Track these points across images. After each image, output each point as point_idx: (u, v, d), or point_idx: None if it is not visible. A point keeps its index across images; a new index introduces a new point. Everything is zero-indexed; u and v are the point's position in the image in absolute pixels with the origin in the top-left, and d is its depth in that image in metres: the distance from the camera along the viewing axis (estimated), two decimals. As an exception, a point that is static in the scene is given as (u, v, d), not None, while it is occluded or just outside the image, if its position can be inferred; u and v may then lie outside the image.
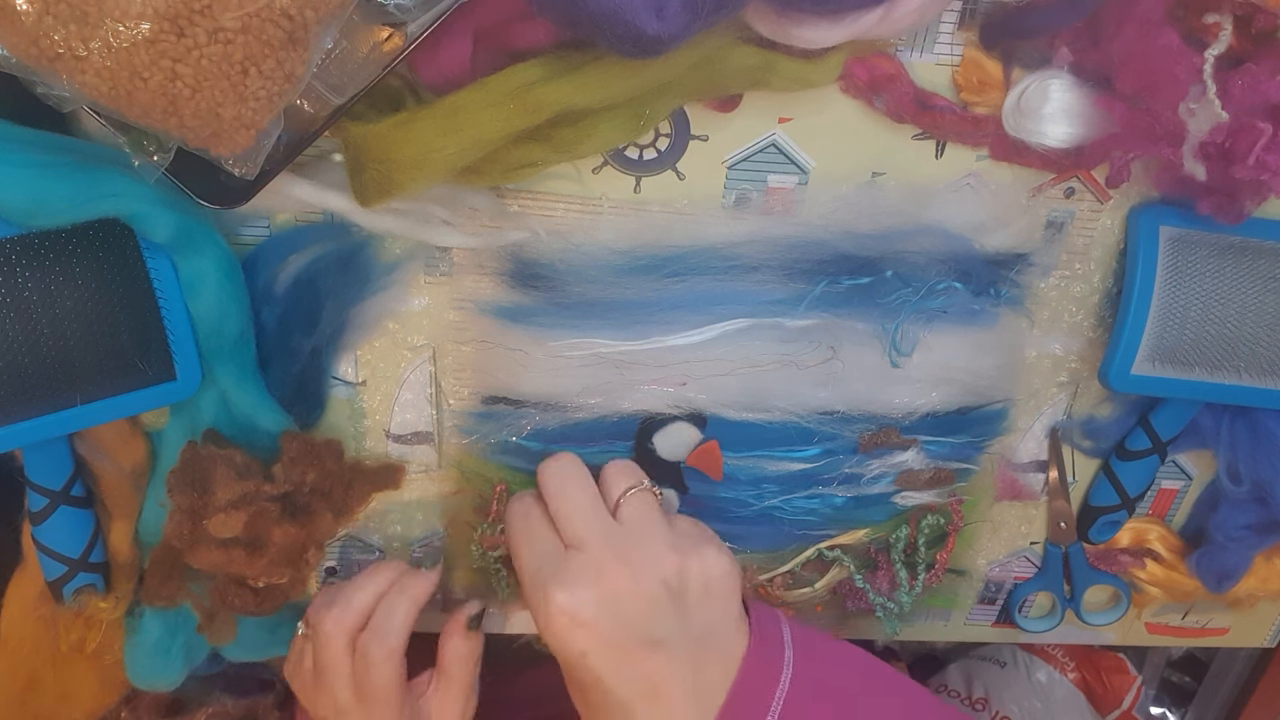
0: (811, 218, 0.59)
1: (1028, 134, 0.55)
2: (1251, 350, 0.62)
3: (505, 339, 0.61)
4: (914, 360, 0.61)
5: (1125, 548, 0.76)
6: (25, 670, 0.65)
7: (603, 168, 0.58)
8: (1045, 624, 0.80)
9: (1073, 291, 0.65)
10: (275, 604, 0.63)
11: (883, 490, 0.66)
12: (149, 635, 0.64)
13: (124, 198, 0.50)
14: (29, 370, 0.52)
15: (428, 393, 0.64)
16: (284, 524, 0.58)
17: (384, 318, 0.62)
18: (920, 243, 0.59)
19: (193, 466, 0.56)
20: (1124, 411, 0.69)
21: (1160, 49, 0.50)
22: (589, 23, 0.45)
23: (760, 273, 0.59)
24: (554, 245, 0.59)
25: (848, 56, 0.55)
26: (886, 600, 0.70)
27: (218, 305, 0.55)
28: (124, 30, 0.40)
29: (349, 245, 0.59)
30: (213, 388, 0.58)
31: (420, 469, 0.67)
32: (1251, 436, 0.67)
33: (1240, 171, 0.52)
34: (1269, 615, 0.83)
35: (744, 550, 0.67)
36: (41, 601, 0.62)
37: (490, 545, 0.66)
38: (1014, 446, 0.71)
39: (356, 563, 0.72)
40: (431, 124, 0.49)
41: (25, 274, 0.50)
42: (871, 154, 0.59)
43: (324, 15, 0.43)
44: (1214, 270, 0.61)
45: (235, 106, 0.44)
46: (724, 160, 0.58)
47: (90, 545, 0.61)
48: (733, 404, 0.62)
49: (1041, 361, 0.68)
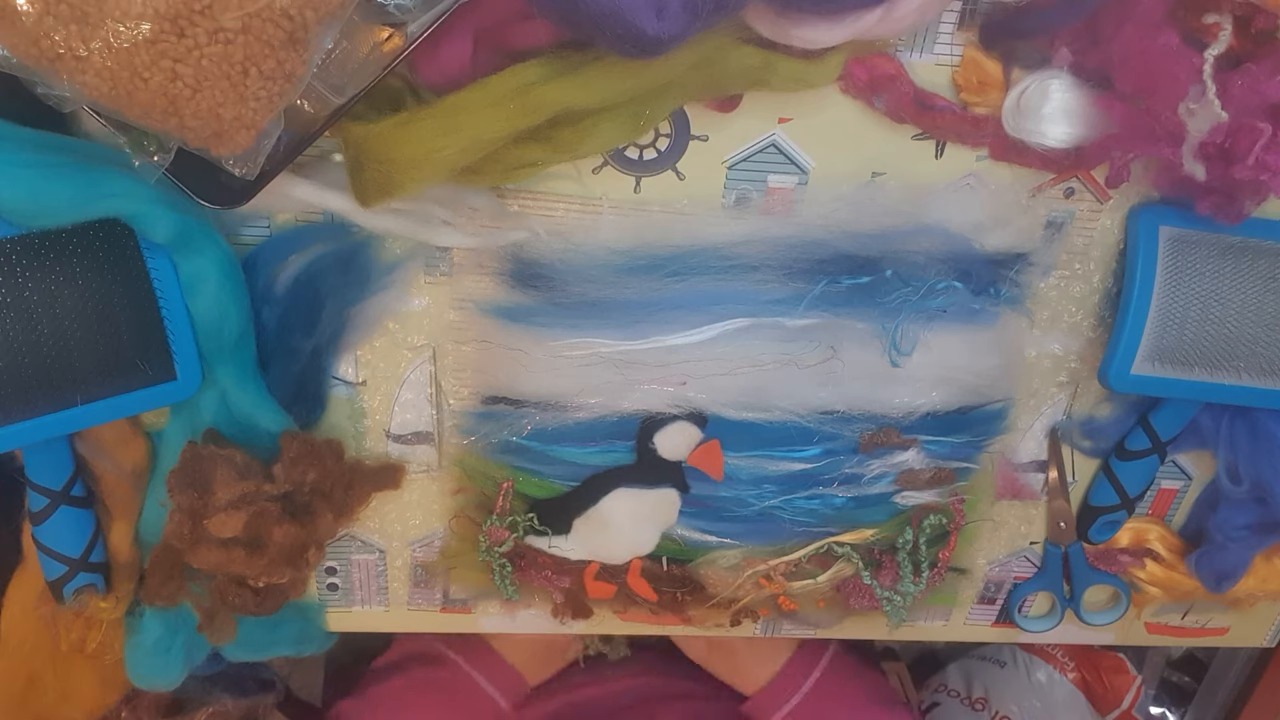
0: (811, 218, 0.59)
1: (1027, 134, 0.55)
2: (1251, 350, 0.62)
3: (505, 339, 0.61)
4: (914, 360, 0.61)
5: (1125, 548, 0.76)
6: (26, 670, 0.65)
7: (603, 168, 0.58)
8: (1045, 624, 0.80)
9: (1072, 291, 0.65)
10: (275, 604, 0.63)
11: (883, 490, 0.66)
12: (149, 635, 0.64)
13: (124, 198, 0.50)
14: (29, 370, 0.52)
15: (428, 393, 0.64)
16: (284, 524, 0.58)
17: (384, 318, 0.62)
18: (920, 242, 0.59)
19: (193, 466, 0.56)
20: (1124, 411, 0.69)
21: (1160, 49, 0.50)
22: (589, 23, 0.45)
23: (760, 272, 0.59)
24: (554, 245, 0.59)
25: (848, 56, 0.55)
26: (893, 594, 0.70)
27: (218, 305, 0.55)
28: (124, 30, 0.40)
29: (349, 245, 0.59)
30: (213, 388, 0.58)
31: (420, 469, 0.67)
32: (1251, 436, 0.67)
33: (1240, 171, 0.52)
34: (1268, 615, 0.83)
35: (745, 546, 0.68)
36: (42, 601, 0.62)
37: (497, 540, 0.66)
38: (1014, 446, 0.71)
39: (356, 563, 0.72)
40: (431, 124, 0.49)
41: (26, 274, 0.50)
42: (871, 154, 0.59)
43: (324, 15, 0.43)
44: (1214, 270, 0.61)
45: (236, 107, 0.44)
46: (724, 160, 0.58)
47: (90, 545, 0.61)
48: (733, 403, 0.62)
49: (1041, 361, 0.68)
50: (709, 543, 0.68)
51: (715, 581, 0.69)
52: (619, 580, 0.69)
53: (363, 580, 0.73)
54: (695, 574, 0.69)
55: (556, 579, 0.69)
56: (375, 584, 0.74)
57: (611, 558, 0.68)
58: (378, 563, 0.72)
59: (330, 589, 0.73)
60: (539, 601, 0.73)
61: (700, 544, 0.68)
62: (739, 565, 0.68)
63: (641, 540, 0.67)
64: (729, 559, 0.68)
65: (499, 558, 0.67)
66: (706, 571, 0.69)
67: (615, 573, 0.69)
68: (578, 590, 0.70)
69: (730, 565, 0.69)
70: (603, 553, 0.67)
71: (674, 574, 0.70)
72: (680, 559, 0.69)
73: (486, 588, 0.70)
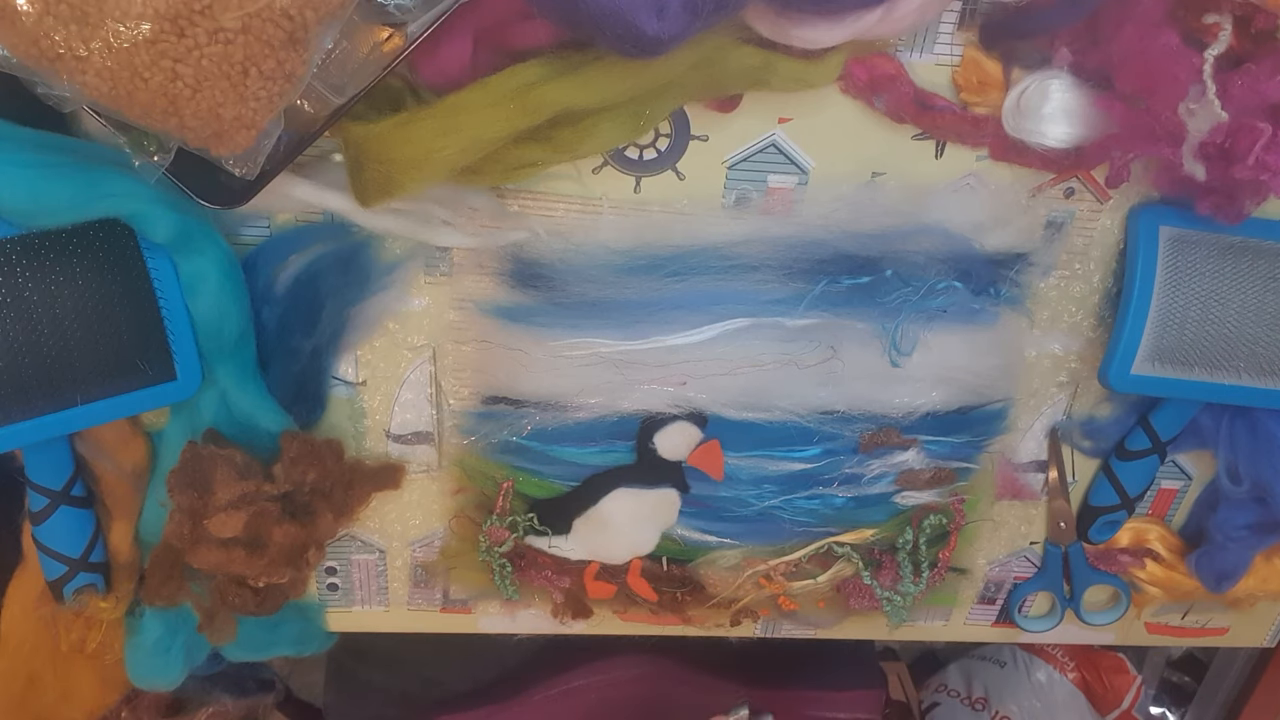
0: (811, 218, 0.59)
1: (1027, 134, 0.55)
2: (1251, 350, 0.62)
3: (505, 339, 0.61)
4: (914, 360, 0.61)
5: (1125, 548, 0.76)
6: (26, 670, 0.65)
7: (603, 168, 0.58)
8: (1045, 624, 0.80)
9: (1072, 291, 0.65)
10: (275, 604, 0.63)
11: (883, 490, 0.66)
12: (149, 635, 0.64)
13: (124, 198, 0.50)
14: (29, 370, 0.52)
15: (428, 393, 0.64)
16: (284, 524, 0.58)
17: (384, 318, 0.62)
18: (920, 242, 0.59)
19: (193, 466, 0.56)
20: (1124, 411, 0.69)
21: (1160, 49, 0.50)
22: (589, 23, 0.45)
23: (760, 272, 0.59)
24: (554, 245, 0.59)
25: (848, 56, 0.55)
26: (893, 594, 0.70)
27: (218, 305, 0.55)
28: (125, 30, 0.40)
29: (349, 245, 0.59)
30: (213, 388, 0.58)
31: (420, 469, 0.67)
32: (1251, 436, 0.67)
33: (1240, 171, 0.52)
34: (1268, 615, 0.83)
35: (745, 546, 0.68)
36: (42, 601, 0.62)
37: (497, 540, 0.66)
38: (1014, 446, 0.71)
39: (356, 563, 0.72)
40: (431, 124, 0.49)
41: (26, 274, 0.50)
42: (871, 154, 0.59)
43: (324, 15, 0.43)
44: (1214, 270, 0.61)
45: (236, 107, 0.44)
46: (724, 160, 0.58)
47: (90, 545, 0.61)
48: (733, 403, 0.62)
49: (1041, 361, 0.68)
50: (709, 543, 0.68)
51: (715, 581, 0.69)
52: (619, 580, 0.69)
53: (363, 580, 0.73)
54: (695, 574, 0.69)
55: (556, 579, 0.69)
56: (375, 584, 0.74)
57: (611, 558, 0.68)
58: (378, 563, 0.72)
59: (330, 589, 0.73)
60: (539, 601, 0.73)
61: (700, 544, 0.68)
62: (739, 565, 0.68)
63: (641, 540, 0.67)
64: (729, 559, 0.68)
65: (499, 558, 0.67)
66: (706, 571, 0.69)
67: (615, 573, 0.69)
68: (578, 590, 0.70)
69: (730, 565, 0.69)
70: (603, 553, 0.67)
71: (674, 574, 0.70)
72: (680, 559, 0.69)
73: (486, 588, 0.70)
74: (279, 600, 0.63)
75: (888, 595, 0.70)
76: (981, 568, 0.77)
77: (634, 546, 0.67)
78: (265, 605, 0.62)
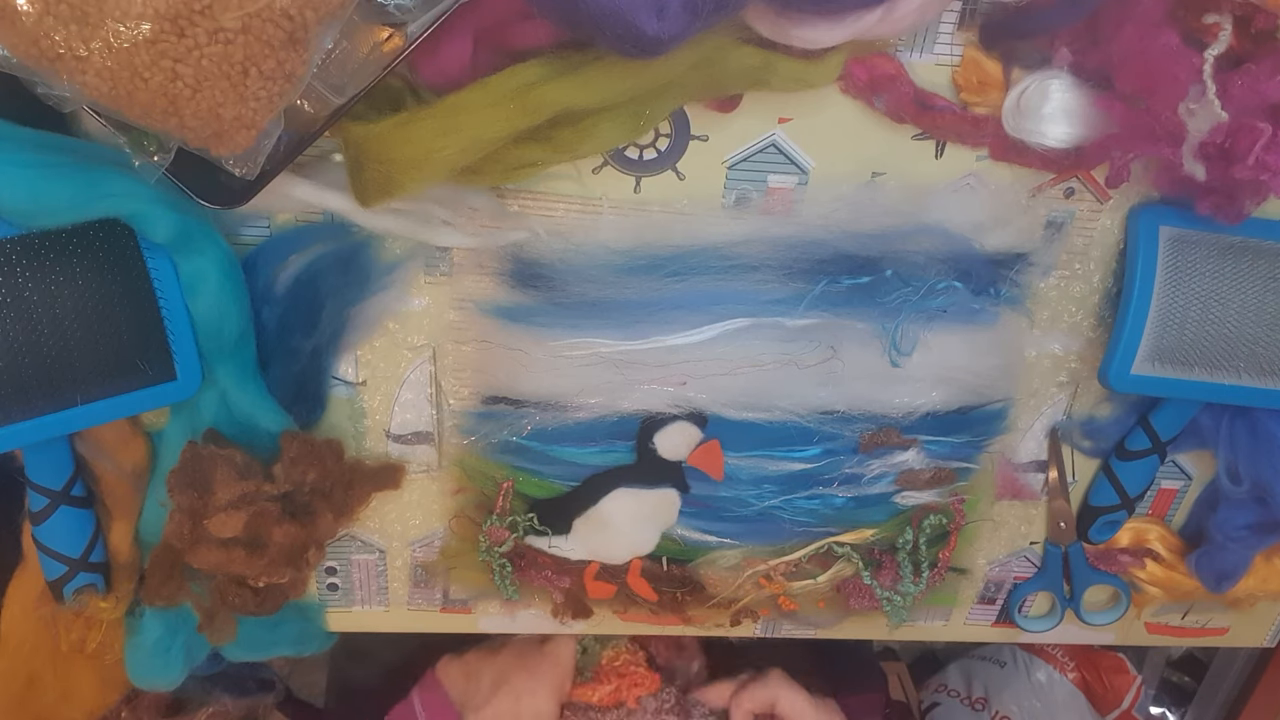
0: (811, 218, 0.59)
1: (1027, 134, 0.55)
2: (1251, 350, 0.62)
3: (505, 339, 0.61)
4: (914, 360, 0.61)
5: (1125, 548, 0.76)
6: (26, 670, 0.65)
7: (603, 168, 0.58)
8: (1045, 624, 0.80)
9: (1072, 291, 0.65)
10: (275, 604, 0.63)
11: (883, 490, 0.66)
12: (149, 635, 0.64)
13: (124, 198, 0.50)
14: (29, 370, 0.52)
15: (428, 393, 0.64)
16: (284, 524, 0.58)
17: (384, 318, 0.62)
18: (920, 242, 0.59)
19: (193, 466, 0.56)
20: (1124, 411, 0.69)
21: (1160, 49, 0.50)
22: (589, 23, 0.45)
23: (760, 272, 0.59)
24: (554, 245, 0.59)
25: (848, 56, 0.55)
26: (893, 594, 0.70)
27: (218, 305, 0.55)
28: (125, 30, 0.40)
29: (349, 245, 0.59)
30: (213, 388, 0.58)
31: (420, 469, 0.67)
32: (1251, 436, 0.67)
33: (1240, 171, 0.52)
34: (1268, 615, 0.83)
35: (745, 546, 0.68)
36: (42, 601, 0.62)
37: (497, 540, 0.66)
38: (1014, 446, 0.71)
39: (356, 563, 0.72)
40: (431, 124, 0.49)
41: (25, 274, 0.50)
42: (871, 154, 0.59)
43: (324, 15, 0.43)
44: (1214, 270, 0.61)
45: (236, 107, 0.44)
46: (724, 160, 0.58)
47: (90, 545, 0.61)
48: (733, 403, 0.62)
49: (1041, 361, 0.68)
50: (709, 543, 0.68)
51: (715, 581, 0.69)
52: (619, 580, 0.69)
53: (363, 580, 0.73)
54: (695, 574, 0.69)
55: (556, 579, 0.69)
56: (375, 584, 0.74)
57: (611, 558, 0.68)
58: (378, 563, 0.72)
59: (330, 589, 0.73)
60: (539, 602, 0.73)
61: (700, 544, 0.68)
62: (739, 565, 0.68)
63: (641, 540, 0.67)
64: (729, 559, 0.68)
65: (499, 558, 0.67)
66: (706, 571, 0.69)
67: (615, 573, 0.69)
68: (578, 590, 0.70)
69: (730, 565, 0.69)
70: (603, 553, 0.67)
71: (674, 574, 0.70)
72: (680, 559, 0.69)
73: (486, 588, 0.70)
74: (279, 600, 0.63)
75: (888, 595, 0.70)
76: (981, 568, 0.77)
77: (634, 546, 0.67)
78: (265, 605, 0.62)
